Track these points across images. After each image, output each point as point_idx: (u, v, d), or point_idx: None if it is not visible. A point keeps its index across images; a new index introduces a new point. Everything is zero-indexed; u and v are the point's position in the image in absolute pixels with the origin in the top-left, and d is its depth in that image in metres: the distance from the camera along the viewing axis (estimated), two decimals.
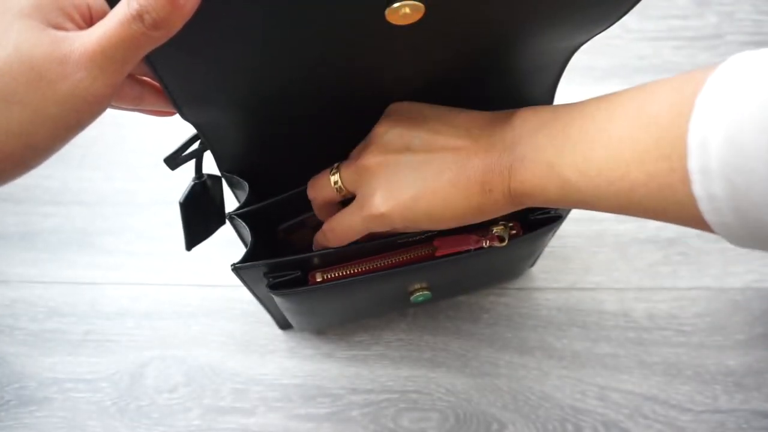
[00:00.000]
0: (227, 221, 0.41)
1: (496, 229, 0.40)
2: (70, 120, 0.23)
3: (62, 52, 0.22)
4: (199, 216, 0.41)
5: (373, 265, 0.40)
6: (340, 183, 0.35)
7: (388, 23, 0.26)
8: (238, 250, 0.40)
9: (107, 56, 0.22)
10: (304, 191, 0.39)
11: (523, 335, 0.53)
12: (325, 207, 0.38)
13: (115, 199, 0.62)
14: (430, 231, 0.39)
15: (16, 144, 0.23)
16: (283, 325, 0.53)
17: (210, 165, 0.39)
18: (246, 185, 0.38)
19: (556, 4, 0.28)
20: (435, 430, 0.49)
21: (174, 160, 0.36)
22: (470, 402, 0.50)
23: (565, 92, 0.40)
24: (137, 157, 0.65)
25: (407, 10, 0.25)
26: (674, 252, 0.57)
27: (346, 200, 0.37)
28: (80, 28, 0.24)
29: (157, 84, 0.29)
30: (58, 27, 0.23)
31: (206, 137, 0.34)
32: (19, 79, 0.22)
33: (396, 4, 0.25)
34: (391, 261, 0.40)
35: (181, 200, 0.39)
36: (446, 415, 0.50)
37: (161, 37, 0.22)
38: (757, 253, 0.57)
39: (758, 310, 0.54)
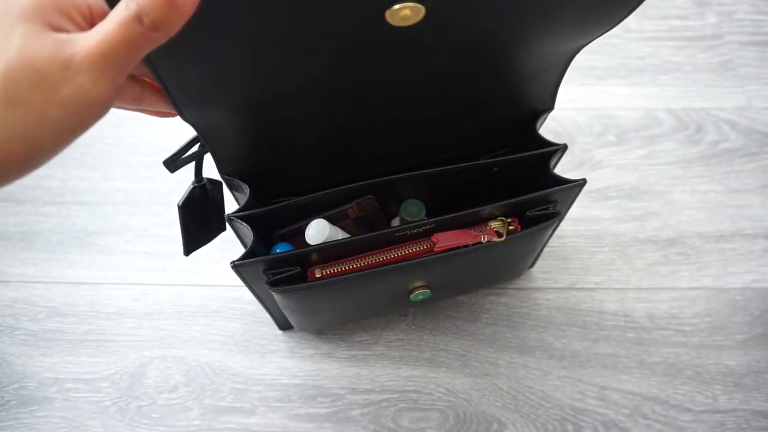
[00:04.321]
0: (227, 225, 0.41)
1: (494, 225, 0.40)
2: (73, 122, 0.23)
3: (64, 56, 0.22)
4: (198, 220, 0.41)
5: (372, 261, 0.40)
6: None
7: (389, 25, 0.26)
8: (238, 251, 0.40)
9: (108, 59, 0.22)
10: (305, 202, 0.39)
11: (523, 335, 0.53)
12: None
13: (114, 199, 0.62)
14: (428, 224, 0.39)
15: (21, 145, 0.23)
16: (283, 325, 0.53)
17: (210, 169, 0.39)
18: (246, 188, 0.38)
19: (556, 8, 0.28)
20: (435, 430, 0.49)
21: (174, 163, 0.36)
22: (470, 402, 0.50)
23: (566, 92, 0.40)
24: (137, 157, 0.64)
25: (407, 12, 0.25)
26: (674, 252, 0.57)
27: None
28: (81, 28, 0.24)
29: (157, 84, 0.29)
30: (59, 28, 0.23)
31: (206, 139, 0.34)
32: (22, 82, 0.22)
33: (396, 6, 0.25)
34: (390, 256, 0.40)
35: (180, 203, 0.39)
36: (446, 414, 0.50)
37: (160, 38, 0.23)
38: (756, 254, 0.57)
39: (757, 310, 0.54)
